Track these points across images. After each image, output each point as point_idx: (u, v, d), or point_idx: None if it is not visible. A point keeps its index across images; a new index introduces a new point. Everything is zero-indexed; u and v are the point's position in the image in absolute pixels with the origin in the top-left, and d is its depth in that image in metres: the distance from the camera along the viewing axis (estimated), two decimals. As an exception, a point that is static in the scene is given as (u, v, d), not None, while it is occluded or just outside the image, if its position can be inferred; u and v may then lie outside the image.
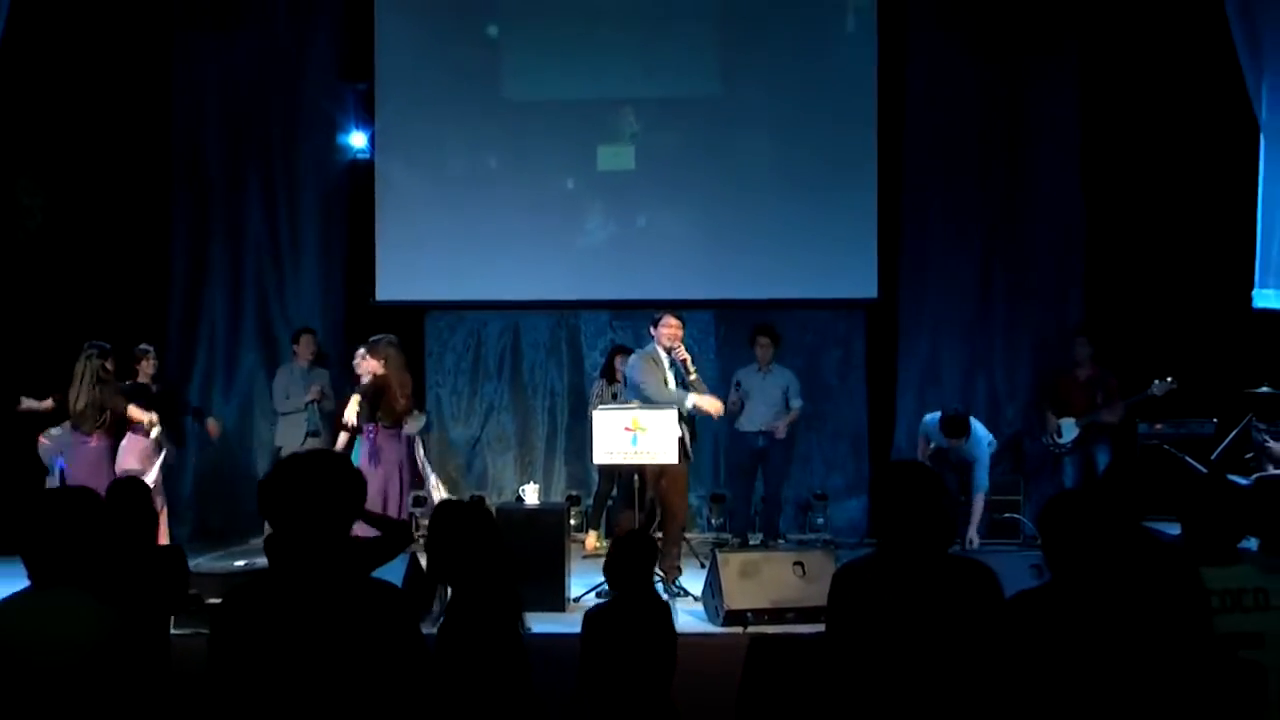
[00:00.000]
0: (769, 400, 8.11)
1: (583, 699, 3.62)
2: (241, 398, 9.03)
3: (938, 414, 7.60)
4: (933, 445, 7.55)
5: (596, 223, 9.01)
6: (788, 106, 8.82)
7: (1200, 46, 7.56)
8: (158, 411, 7.21)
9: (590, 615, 3.72)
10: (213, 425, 8.06)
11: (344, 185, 9.14)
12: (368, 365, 7.00)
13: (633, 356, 7.03)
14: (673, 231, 8.94)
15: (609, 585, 3.84)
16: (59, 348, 7.37)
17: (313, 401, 8.05)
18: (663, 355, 6.78)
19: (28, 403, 7.21)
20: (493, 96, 8.97)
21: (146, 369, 7.51)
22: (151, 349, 7.61)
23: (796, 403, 8.15)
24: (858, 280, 8.83)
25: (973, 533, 7.43)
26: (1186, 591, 2.70)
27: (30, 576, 2.76)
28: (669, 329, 6.80)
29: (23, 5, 6.90)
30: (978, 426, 7.58)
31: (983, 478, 7.46)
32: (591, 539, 8.23)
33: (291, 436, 8.06)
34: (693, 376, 6.80)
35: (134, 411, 6.96)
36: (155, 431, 7.05)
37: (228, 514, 8.84)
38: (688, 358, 6.82)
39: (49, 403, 7.15)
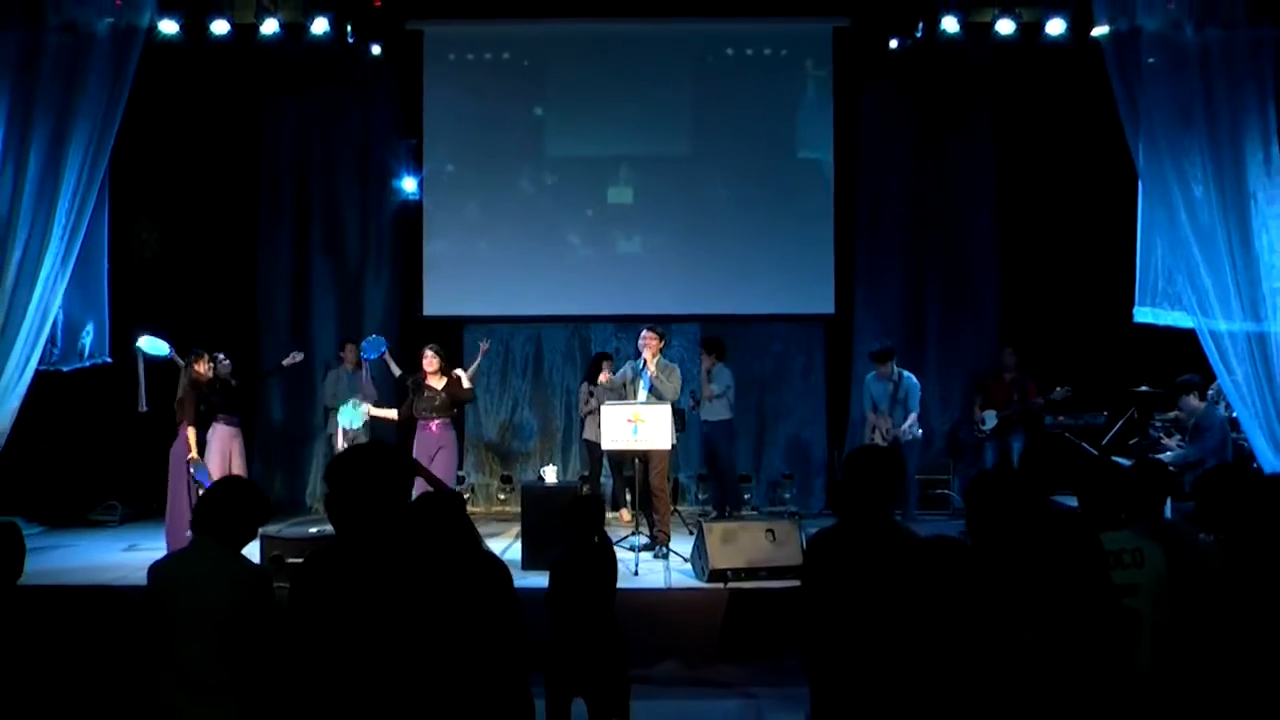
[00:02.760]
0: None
1: (552, 621, 3.85)
2: (311, 393, 9.08)
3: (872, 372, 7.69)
4: (877, 412, 7.58)
5: (603, 249, 9.08)
6: (760, 157, 8.95)
7: (1091, 110, 7.64)
8: (220, 399, 7.10)
9: (557, 562, 3.93)
10: (291, 357, 7.57)
11: (398, 221, 9.20)
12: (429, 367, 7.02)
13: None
14: (664, 259, 9.00)
15: (568, 539, 3.99)
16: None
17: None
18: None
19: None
20: (520, 151, 9.06)
21: (219, 372, 7.26)
22: (218, 355, 7.21)
23: (715, 388, 7.99)
24: (818, 298, 8.92)
25: (907, 426, 7.47)
26: (1088, 550, 2.72)
27: (196, 540, 2.93)
28: (640, 340, 6.87)
29: (142, 76, 6.96)
30: (909, 376, 7.63)
31: (914, 404, 7.54)
32: (625, 515, 7.98)
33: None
34: (652, 372, 6.75)
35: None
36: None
37: (291, 487, 9.05)
38: (645, 357, 6.79)
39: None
